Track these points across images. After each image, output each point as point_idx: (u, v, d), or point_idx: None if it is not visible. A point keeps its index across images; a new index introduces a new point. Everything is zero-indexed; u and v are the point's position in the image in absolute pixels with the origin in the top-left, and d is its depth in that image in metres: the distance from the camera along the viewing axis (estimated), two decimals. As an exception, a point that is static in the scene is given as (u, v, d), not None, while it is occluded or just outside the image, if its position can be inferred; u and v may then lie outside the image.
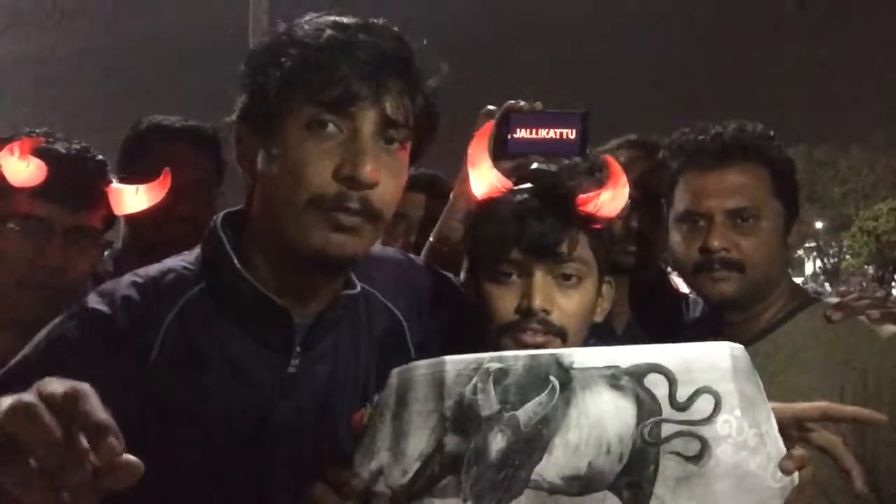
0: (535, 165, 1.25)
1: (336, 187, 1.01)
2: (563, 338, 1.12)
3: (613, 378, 0.91)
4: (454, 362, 0.97)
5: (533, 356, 0.94)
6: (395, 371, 1.01)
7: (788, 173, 1.55)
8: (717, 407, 0.89)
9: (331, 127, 1.02)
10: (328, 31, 1.02)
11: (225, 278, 1.09)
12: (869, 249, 34.24)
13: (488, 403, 0.93)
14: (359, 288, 1.18)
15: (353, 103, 1.01)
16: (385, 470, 0.96)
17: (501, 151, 1.44)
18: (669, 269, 2.00)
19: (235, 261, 1.08)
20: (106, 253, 1.88)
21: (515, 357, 0.95)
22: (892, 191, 35.59)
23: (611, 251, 1.27)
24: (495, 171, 1.25)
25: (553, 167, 1.23)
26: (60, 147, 1.51)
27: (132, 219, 1.79)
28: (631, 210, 1.81)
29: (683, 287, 2.02)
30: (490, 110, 1.54)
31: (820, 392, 1.37)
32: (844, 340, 1.44)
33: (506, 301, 1.16)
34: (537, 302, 1.12)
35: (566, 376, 0.92)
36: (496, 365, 0.94)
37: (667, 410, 0.90)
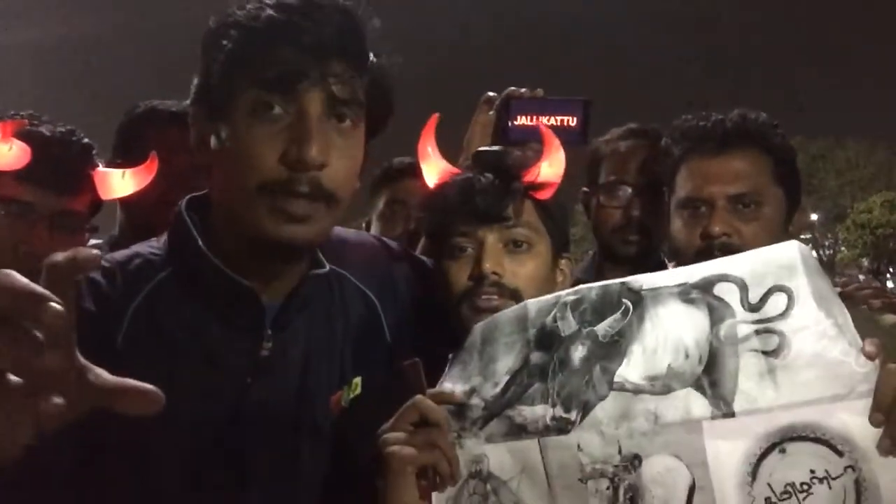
0: (481, 148, 1.32)
1: (284, 172, 0.98)
2: (517, 300, 1.14)
3: (683, 293, 0.95)
4: (535, 302, 1.05)
5: (605, 286, 1.01)
6: (478, 325, 1.08)
7: (791, 161, 1.54)
8: (791, 301, 0.90)
9: (276, 109, 0.99)
10: (267, 11, 1.00)
11: (191, 261, 1.08)
12: (864, 242, 34.33)
13: (567, 325, 1.00)
14: (327, 267, 1.17)
15: (296, 83, 0.98)
16: (477, 388, 1.03)
17: (502, 139, 1.42)
18: (666, 259, 2.00)
19: (200, 243, 1.07)
20: (102, 240, 1.87)
21: (589, 288, 1.02)
22: (887, 183, 35.66)
23: (565, 227, 1.31)
24: (444, 161, 1.29)
25: (496, 147, 1.30)
26: (45, 130, 1.48)
27: (128, 205, 1.77)
28: (631, 199, 1.81)
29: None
30: (490, 97, 1.52)
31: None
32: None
33: (461, 272, 1.19)
34: (487, 265, 1.15)
35: (637, 297, 0.98)
36: (572, 297, 1.02)
37: (740, 313, 0.91)
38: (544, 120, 1.40)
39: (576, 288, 1.04)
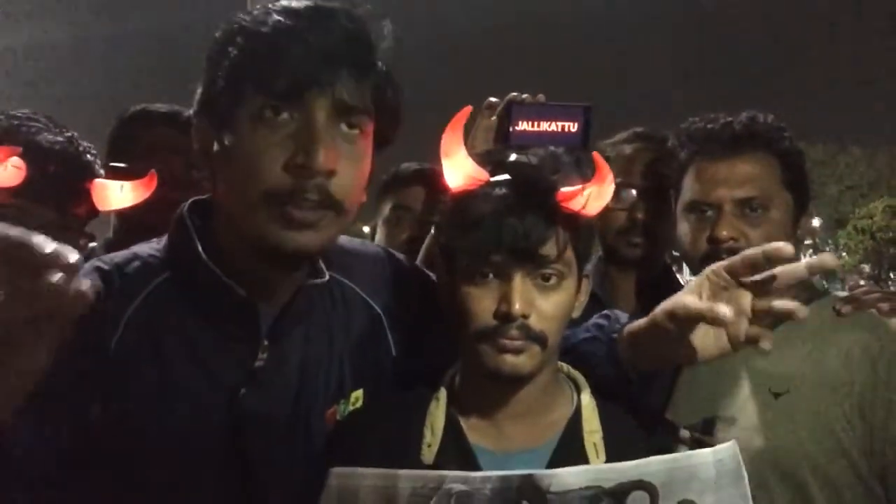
0: (513, 157, 1.13)
1: (290, 179, 0.96)
2: (542, 343, 1.06)
3: (594, 500, 0.86)
4: (410, 478, 0.88)
5: (504, 478, 0.87)
6: (336, 472, 0.93)
7: (799, 164, 1.51)
8: None
9: (283, 116, 0.97)
10: (275, 17, 0.98)
11: (189, 267, 1.06)
12: (865, 247, 34.40)
13: None
14: (327, 276, 1.15)
15: (303, 91, 0.96)
16: None
17: (502, 144, 1.40)
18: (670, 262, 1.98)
19: (200, 249, 1.05)
20: (95, 244, 1.85)
21: (484, 479, 0.87)
22: (888, 189, 35.74)
23: (588, 244, 1.21)
24: (470, 160, 1.12)
25: (533, 158, 1.12)
26: (43, 141, 1.44)
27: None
28: (636, 202, 1.80)
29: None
30: (492, 102, 1.51)
31: (829, 384, 1.35)
32: (854, 332, 1.41)
33: (483, 304, 1.07)
34: (517, 307, 1.04)
35: (541, 501, 0.86)
36: (460, 487, 0.87)
37: None
38: (545, 125, 1.39)
39: (466, 474, 0.88)
